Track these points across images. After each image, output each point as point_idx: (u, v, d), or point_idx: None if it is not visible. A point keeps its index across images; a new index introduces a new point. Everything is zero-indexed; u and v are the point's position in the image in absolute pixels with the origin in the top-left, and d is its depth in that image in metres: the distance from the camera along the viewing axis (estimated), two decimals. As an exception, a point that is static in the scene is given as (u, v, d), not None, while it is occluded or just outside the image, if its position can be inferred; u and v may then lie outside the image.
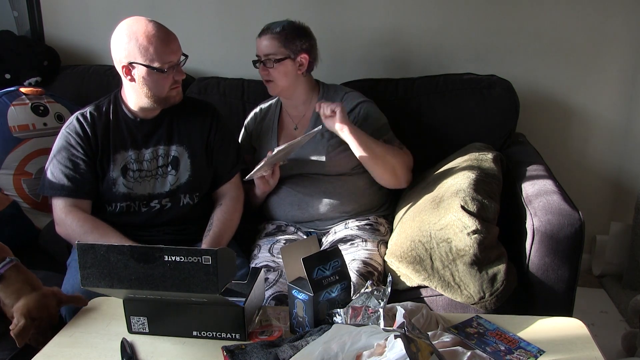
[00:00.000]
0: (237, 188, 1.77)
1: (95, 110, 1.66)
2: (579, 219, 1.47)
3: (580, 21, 2.20)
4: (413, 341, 0.88)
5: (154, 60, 1.52)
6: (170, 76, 1.56)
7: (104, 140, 1.64)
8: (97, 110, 1.66)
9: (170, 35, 1.57)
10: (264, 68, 1.77)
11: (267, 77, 1.78)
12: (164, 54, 1.52)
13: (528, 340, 1.14)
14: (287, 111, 1.91)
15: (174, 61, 1.55)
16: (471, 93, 2.08)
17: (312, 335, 1.07)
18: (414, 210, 1.66)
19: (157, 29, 1.54)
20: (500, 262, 1.49)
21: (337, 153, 1.79)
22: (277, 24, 1.77)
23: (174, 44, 1.56)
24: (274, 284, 1.54)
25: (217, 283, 1.05)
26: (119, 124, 1.66)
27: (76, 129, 1.62)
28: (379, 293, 1.13)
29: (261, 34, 1.77)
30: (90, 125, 1.63)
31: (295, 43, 1.76)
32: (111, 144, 1.64)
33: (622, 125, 2.32)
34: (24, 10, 2.51)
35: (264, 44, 1.76)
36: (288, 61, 1.75)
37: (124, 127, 1.66)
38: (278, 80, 1.77)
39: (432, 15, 2.26)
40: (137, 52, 1.52)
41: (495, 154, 1.80)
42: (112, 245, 1.07)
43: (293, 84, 1.81)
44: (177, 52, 1.56)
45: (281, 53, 1.74)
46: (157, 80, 1.55)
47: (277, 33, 1.75)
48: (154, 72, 1.53)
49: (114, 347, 1.15)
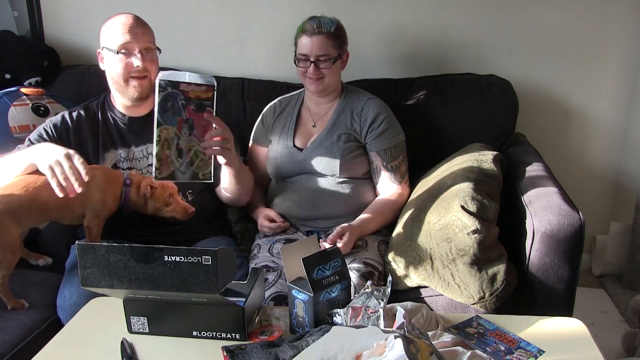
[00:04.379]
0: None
1: (84, 110, 1.70)
2: (579, 219, 1.47)
3: (579, 21, 2.20)
4: (412, 342, 0.88)
5: (111, 42, 1.58)
6: (123, 60, 1.58)
7: (93, 139, 1.66)
8: (85, 110, 1.70)
9: (137, 23, 1.60)
10: (316, 68, 1.75)
11: (317, 75, 1.76)
12: (119, 35, 1.58)
13: (528, 340, 1.14)
14: (308, 108, 1.90)
15: (131, 46, 1.58)
16: (471, 93, 2.08)
17: (312, 336, 1.07)
18: (414, 211, 1.66)
19: (127, 17, 1.61)
20: (500, 262, 1.49)
21: (352, 157, 1.80)
22: (328, 23, 1.75)
23: (136, 29, 1.59)
24: (273, 284, 1.54)
25: (217, 283, 1.05)
26: (108, 123, 1.69)
27: (56, 124, 1.66)
28: (379, 293, 1.13)
29: (311, 33, 1.73)
30: (74, 123, 1.66)
31: (343, 41, 1.80)
32: (100, 142, 1.65)
33: (621, 125, 2.32)
34: (24, 10, 2.51)
35: (318, 43, 1.73)
36: (339, 61, 1.78)
37: (113, 125, 1.69)
38: (329, 79, 1.77)
39: (431, 15, 2.26)
40: (104, 36, 1.61)
41: (495, 154, 1.81)
42: (112, 245, 1.07)
43: (336, 82, 1.84)
44: (138, 39, 1.59)
45: (335, 53, 1.76)
46: (111, 62, 1.60)
47: (331, 33, 1.74)
48: (109, 53, 1.59)
49: (114, 347, 1.15)
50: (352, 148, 1.80)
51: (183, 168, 1.40)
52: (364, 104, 1.83)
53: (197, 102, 1.39)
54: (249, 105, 2.18)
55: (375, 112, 1.81)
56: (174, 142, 1.38)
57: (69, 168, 1.37)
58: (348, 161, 1.79)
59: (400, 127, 1.86)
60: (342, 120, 1.83)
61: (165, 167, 1.39)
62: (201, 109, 1.40)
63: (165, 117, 1.37)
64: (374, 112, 1.81)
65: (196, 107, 1.39)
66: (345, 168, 1.79)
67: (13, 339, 1.42)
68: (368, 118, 1.80)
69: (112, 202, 1.57)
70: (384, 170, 1.81)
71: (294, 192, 1.82)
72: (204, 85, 1.39)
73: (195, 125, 1.40)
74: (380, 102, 1.86)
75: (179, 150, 1.39)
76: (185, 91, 1.38)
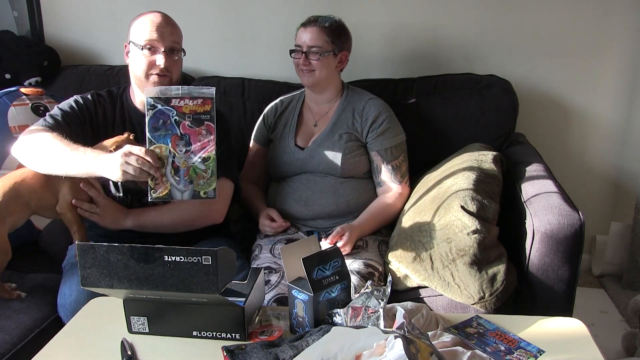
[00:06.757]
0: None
1: (108, 95, 1.72)
2: (579, 219, 1.47)
3: (579, 21, 2.20)
4: (412, 342, 0.88)
5: (137, 37, 1.59)
6: (148, 56, 1.58)
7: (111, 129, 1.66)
8: (109, 96, 1.72)
9: (166, 22, 1.61)
10: (306, 58, 1.77)
11: (307, 67, 1.77)
12: (146, 32, 1.58)
13: (528, 340, 1.14)
14: (309, 107, 1.91)
15: (157, 44, 1.58)
16: (470, 93, 2.08)
17: (312, 336, 1.07)
18: (414, 211, 1.66)
19: (156, 15, 1.61)
20: (500, 262, 1.49)
21: (353, 156, 1.80)
22: (325, 18, 1.79)
23: (164, 29, 1.59)
24: (275, 286, 1.53)
25: (217, 283, 1.05)
26: (123, 115, 1.69)
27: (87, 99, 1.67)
28: (379, 293, 1.13)
29: (307, 25, 1.78)
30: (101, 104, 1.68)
31: (340, 39, 1.80)
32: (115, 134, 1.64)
33: (621, 125, 2.31)
34: (24, 10, 2.51)
35: (310, 35, 1.76)
36: (331, 56, 1.78)
37: (127, 119, 1.68)
38: (318, 72, 1.78)
39: (431, 15, 2.26)
40: (132, 31, 1.61)
41: (495, 154, 1.81)
42: (112, 245, 1.07)
43: (330, 79, 1.83)
44: (164, 38, 1.59)
45: (327, 47, 1.77)
46: (135, 57, 1.60)
47: (326, 27, 1.77)
48: (135, 48, 1.59)
49: (114, 347, 1.15)
50: (353, 147, 1.80)
51: (181, 187, 1.36)
52: (365, 104, 1.83)
53: (193, 116, 1.35)
54: (249, 105, 2.18)
55: (376, 111, 1.81)
56: (169, 160, 1.35)
57: (135, 161, 1.33)
58: (349, 160, 1.79)
59: (401, 127, 1.86)
60: (343, 120, 1.83)
61: (161, 186, 1.35)
62: (198, 123, 1.35)
63: (156, 135, 1.34)
64: (375, 112, 1.81)
65: (192, 122, 1.35)
66: (346, 167, 1.79)
67: (13, 338, 1.43)
68: (369, 117, 1.80)
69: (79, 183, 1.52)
70: (384, 169, 1.81)
71: (295, 192, 1.82)
72: (200, 98, 1.35)
73: (192, 141, 1.35)
74: (382, 102, 1.86)
75: (175, 169, 1.35)
76: (178, 107, 1.34)
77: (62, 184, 1.51)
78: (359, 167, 1.82)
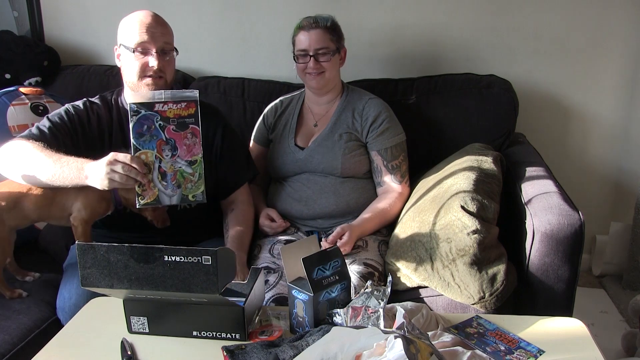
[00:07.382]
0: (248, 193, 1.79)
1: (101, 101, 1.68)
2: (579, 219, 1.47)
3: (579, 21, 2.20)
4: (412, 342, 0.88)
5: (128, 40, 1.56)
6: (140, 59, 1.55)
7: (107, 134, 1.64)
8: (103, 101, 1.68)
9: (156, 22, 1.57)
10: (316, 62, 1.76)
11: (318, 69, 1.77)
12: (136, 34, 1.55)
13: (528, 340, 1.14)
14: (309, 107, 1.91)
15: (148, 45, 1.55)
16: (470, 93, 2.08)
17: (312, 336, 1.07)
18: (414, 211, 1.66)
19: (147, 15, 1.57)
20: (500, 262, 1.49)
21: (353, 156, 1.80)
22: (324, 18, 1.79)
23: (155, 29, 1.56)
24: (274, 286, 1.54)
25: (217, 283, 1.05)
26: (120, 119, 1.66)
27: (78, 108, 1.63)
28: (379, 293, 1.13)
29: (308, 28, 1.76)
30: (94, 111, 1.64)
31: (340, 36, 1.82)
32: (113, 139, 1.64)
33: (621, 125, 2.32)
34: (24, 10, 2.51)
35: (315, 37, 1.76)
36: (337, 54, 1.80)
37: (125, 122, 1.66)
38: (328, 73, 1.79)
39: (431, 15, 2.26)
40: (121, 33, 1.58)
41: (495, 154, 1.81)
42: (112, 245, 1.07)
43: (336, 78, 1.85)
44: (156, 38, 1.55)
45: (332, 46, 1.78)
46: (127, 60, 1.57)
47: (328, 27, 1.77)
48: (126, 51, 1.56)
49: (114, 347, 1.15)
50: (353, 147, 1.80)
51: (169, 191, 1.36)
52: (365, 104, 1.84)
53: (178, 120, 1.34)
54: (249, 105, 2.18)
55: (376, 111, 1.81)
56: (156, 165, 1.35)
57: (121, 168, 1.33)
58: (349, 160, 1.79)
59: (401, 127, 1.86)
60: (343, 120, 1.83)
61: (149, 192, 1.36)
62: (183, 127, 1.35)
63: (141, 141, 1.34)
64: (375, 112, 1.81)
65: (177, 127, 1.35)
66: (346, 167, 1.79)
67: (13, 338, 1.43)
68: (369, 117, 1.81)
69: (96, 202, 1.50)
70: (384, 169, 1.81)
71: (294, 192, 1.82)
72: (184, 101, 1.35)
73: (178, 145, 1.35)
74: (382, 102, 1.86)
75: (162, 174, 1.35)
76: (162, 111, 1.34)
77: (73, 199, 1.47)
78: (359, 167, 1.82)
